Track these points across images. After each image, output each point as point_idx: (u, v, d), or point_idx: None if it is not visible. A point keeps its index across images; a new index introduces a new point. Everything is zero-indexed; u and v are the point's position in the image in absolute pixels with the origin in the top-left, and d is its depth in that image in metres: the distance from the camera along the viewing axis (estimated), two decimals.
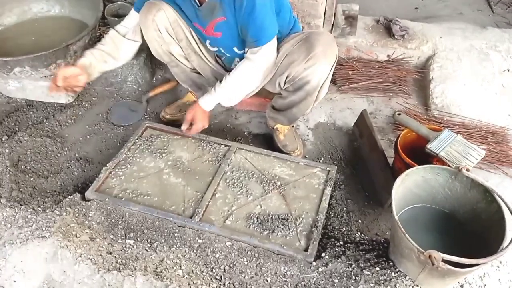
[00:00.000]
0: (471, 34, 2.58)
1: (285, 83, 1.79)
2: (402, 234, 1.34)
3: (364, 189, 1.92)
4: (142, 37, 1.89)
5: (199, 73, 2.08)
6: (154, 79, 2.52)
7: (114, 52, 1.86)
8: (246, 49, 1.72)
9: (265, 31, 1.63)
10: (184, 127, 1.87)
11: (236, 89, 1.78)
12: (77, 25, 2.44)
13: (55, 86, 1.75)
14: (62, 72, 1.74)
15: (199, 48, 1.91)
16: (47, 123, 2.17)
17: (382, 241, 1.70)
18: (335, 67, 2.46)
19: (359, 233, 1.74)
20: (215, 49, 1.85)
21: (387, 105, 2.37)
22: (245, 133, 2.20)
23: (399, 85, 2.42)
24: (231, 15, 1.63)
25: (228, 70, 1.92)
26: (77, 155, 2.05)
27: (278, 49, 1.76)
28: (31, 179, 1.88)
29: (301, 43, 1.70)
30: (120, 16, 2.27)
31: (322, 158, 2.06)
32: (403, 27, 2.50)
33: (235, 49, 1.80)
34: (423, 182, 1.59)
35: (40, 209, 1.66)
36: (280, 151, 2.00)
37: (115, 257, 1.47)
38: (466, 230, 1.55)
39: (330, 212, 1.79)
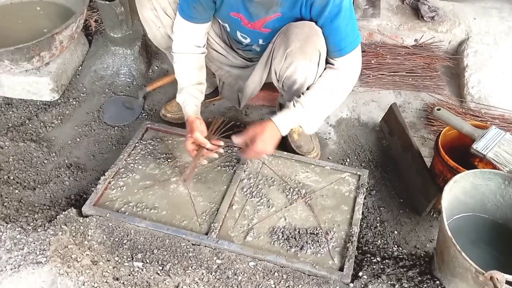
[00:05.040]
0: (509, 14, 2.54)
1: (277, 81, 1.73)
2: (456, 252, 1.29)
3: (398, 195, 1.88)
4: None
5: None
6: (150, 71, 2.44)
7: (203, 75, 1.80)
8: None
9: (351, 37, 1.55)
10: (236, 140, 1.63)
11: (321, 102, 1.63)
12: (59, 11, 2.35)
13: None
14: (199, 133, 1.64)
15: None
16: (30, 125, 2.09)
17: (422, 254, 1.67)
18: None
19: (396, 246, 1.70)
20: (247, 40, 1.75)
21: (416, 97, 2.32)
22: None
23: (429, 73, 2.37)
24: (289, 11, 1.54)
25: (239, 53, 1.89)
26: (66, 161, 1.97)
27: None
28: (16, 191, 1.80)
29: (281, 37, 1.61)
30: None
31: (348, 160, 2.01)
32: (432, 7, 2.44)
33: (261, 41, 1.73)
34: (472, 188, 1.55)
35: (30, 227, 1.59)
36: (294, 152, 1.94)
37: (123, 283, 1.41)
38: None
39: (362, 223, 1.74)
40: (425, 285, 1.46)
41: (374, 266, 1.55)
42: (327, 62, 1.62)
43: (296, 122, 1.64)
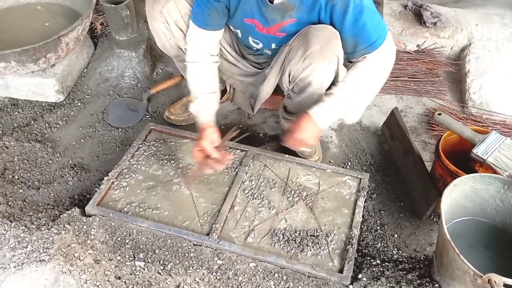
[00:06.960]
0: (511, 21, 2.55)
1: (289, 82, 1.74)
2: (455, 255, 1.30)
3: (398, 198, 1.88)
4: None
5: None
6: (155, 73, 2.46)
7: (216, 84, 1.78)
8: (356, 57, 1.60)
9: (379, 29, 1.52)
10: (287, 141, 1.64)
11: (356, 91, 1.58)
12: (66, 13, 2.38)
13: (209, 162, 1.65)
14: (207, 142, 1.63)
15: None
16: (35, 125, 2.11)
17: (422, 258, 1.68)
18: None
19: (396, 249, 1.70)
20: (259, 46, 1.76)
21: (418, 102, 2.33)
22: (261, 135, 2.15)
23: (431, 79, 2.38)
24: (306, 15, 1.55)
25: (247, 58, 1.88)
26: (71, 161, 1.99)
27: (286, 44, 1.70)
28: (21, 190, 1.82)
29: (300, 39, 1.62)
30: (117, 2, 2.20)
31: (349, 163, 2.02)
32: (435, 13, 2.46)
33: (273, 45, 1.74)
34: (472, 192, 1.55)
35: (34, 226, 1.60)
36: (296, 155, 1.95)
37: (124, 282, 1.42)
38: None
39: (363, 226, 1.75)
40: None
41: (374, 269, 1.56)
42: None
43: (333, 113, 1.60)
